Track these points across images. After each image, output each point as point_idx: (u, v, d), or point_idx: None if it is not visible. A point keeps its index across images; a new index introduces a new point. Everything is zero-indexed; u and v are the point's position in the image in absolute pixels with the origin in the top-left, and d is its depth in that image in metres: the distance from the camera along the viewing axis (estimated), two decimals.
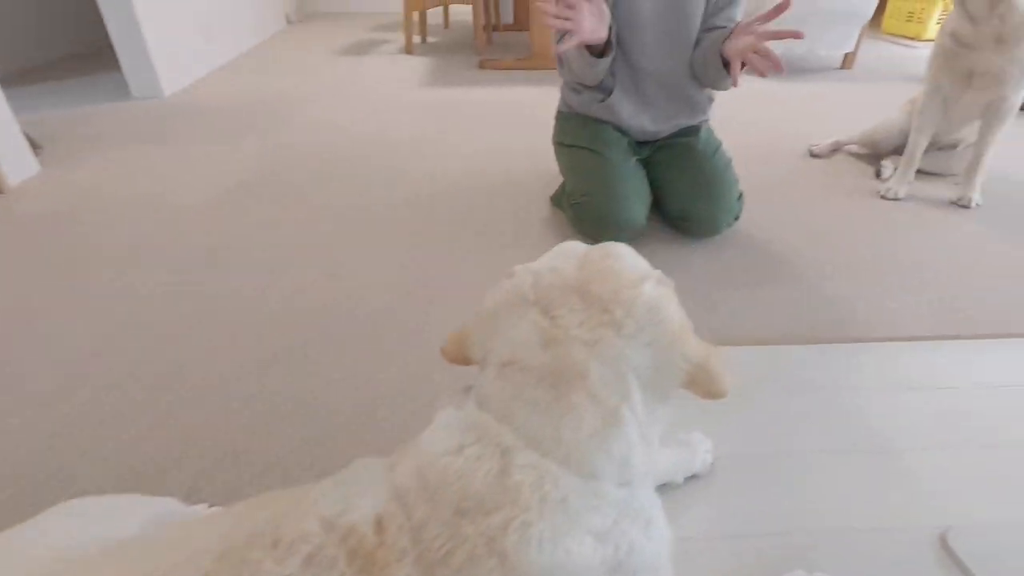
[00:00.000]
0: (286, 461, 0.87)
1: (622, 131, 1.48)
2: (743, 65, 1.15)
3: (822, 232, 1.52)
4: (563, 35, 1.22)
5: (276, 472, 0.85)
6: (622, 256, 0.53)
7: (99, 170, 1.88)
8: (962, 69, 1.55)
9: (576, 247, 0.57)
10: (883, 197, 1.71)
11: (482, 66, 3.24)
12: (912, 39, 4.00)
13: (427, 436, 0.47)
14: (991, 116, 1.58)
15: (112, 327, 1.15)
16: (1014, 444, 0.90)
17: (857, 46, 3.19)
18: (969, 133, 1.76)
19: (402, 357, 1.07)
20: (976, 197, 1.65)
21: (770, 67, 1.10)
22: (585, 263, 0.52)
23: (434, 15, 4.72)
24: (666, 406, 0.51)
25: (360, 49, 3.75)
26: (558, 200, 1.62)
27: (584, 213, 1.42)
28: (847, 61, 3.27)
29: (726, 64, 1.23)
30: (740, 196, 1.45)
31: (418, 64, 3.35)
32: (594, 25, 1.17)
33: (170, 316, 1.18)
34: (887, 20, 4.30)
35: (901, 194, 1.70)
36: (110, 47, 2.55)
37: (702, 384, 0.48)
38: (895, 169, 1.78)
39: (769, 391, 1.00)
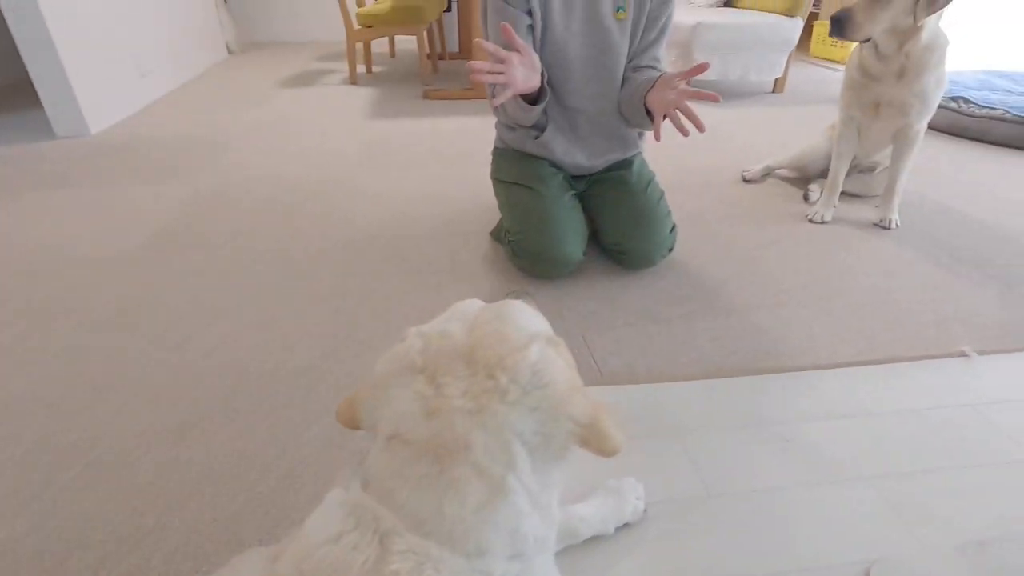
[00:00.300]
0: (200, 539, 0.81)
1: (557, 166, 1.50)
2: (665, 118, 1.18)
3: (753, 258, 1.56)
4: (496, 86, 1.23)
5: (187, 552, 0.79)
6: (512, 317, 0.53)
7: (9, 217, 1.77)
8: (870, 100, 1.63)
9: (470, 307, 0.56)
10: (811, 220, 1.78)
11: (426, 96, 3.25)
12: (837, 62, 4.23)
13: (311, 522, 0.45)
14: (900, 142, 1.68)
15: (9, 395, 1.07)
16: (933, 471, 0.93)
17: (786, 71, 3.35)
18: (884, 157, 1.85)
19: (331, 413, 1.03)
20: (895, 218, 1.74)
21: (690, 127, 1.12)
22: (475, 326, 0.51)
23: (381, 43, 4.73)
24: (561, 468, 0.50)
25: (303, 80, 3.70)
26: (497, 234, 1.62)
27: (521, 250, 1.42)
28: (778, 85, 3.42)
29: (650, 112, 1.26)
30: (673, 228, 1.48)
31: (362, 95, 3.33)
32: (526, 75, 1.18)
33: (78, 381, 1.11)
34: (814, 44, 4.54)
35: (827, 217, 1.77)
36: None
37: (593, 444, 0.48)
38: (821, 192, 1.85)
39: (702, 428, 1.01)
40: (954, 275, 1.48)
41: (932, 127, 2.72)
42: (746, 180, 2.10)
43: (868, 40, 1.51)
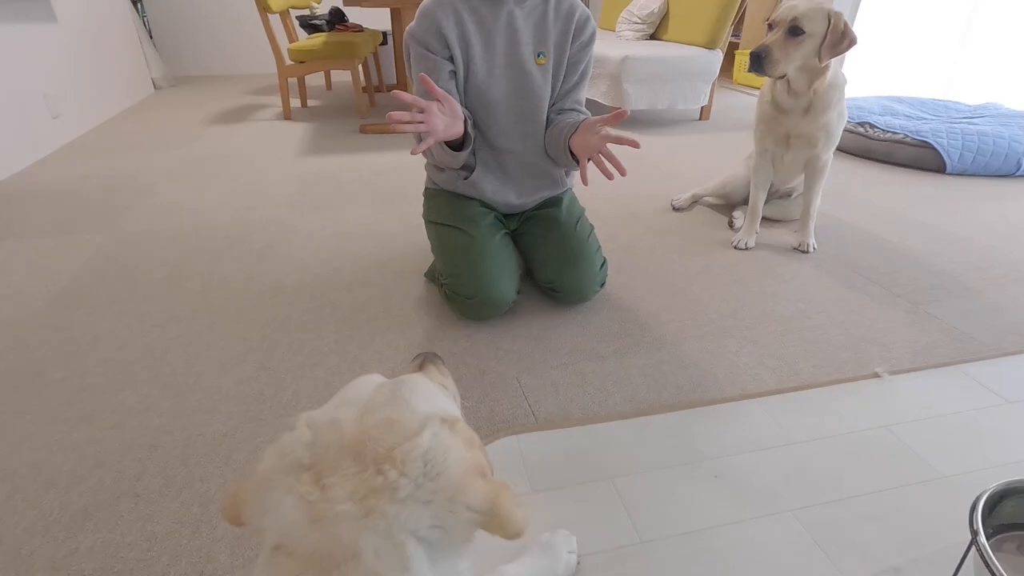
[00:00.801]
0: None
1: (488, 206, 1.50)
2: (589, 160, 1.21)
3: (682, 288, 1.61)
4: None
5: None
6: (405, 399, 0.51)
7: None
8: (782, 133, 1.74)
9: (364, 388, 0.54)
10: (735, 247, 1.85)
11: (363, 131, 3.22)
12: (757, 89, 4.49)
13: None
14: (811, 171, 1.78)
15: None
16: (851, 497, 0.96)
17: (711, 99, 3.52)
18: (799, 183, 1.96)
19: None
20: (812, 242, 1.84)
21: (614, 171, 1.15)
22: (366, 412, 0.49)
23: (316, 76, 4.68)
24: (466, 558, 0.48)
25: (234, 116, 3.61)
26: (432, 275, 1.60)
27: (454, 292, 1.41)
28: (704, 113, 3.59)
29: (575, 156, 1.29)
30: (604, 264, 1.50)
31: (296, 130, 3.27)
32: (447, 123, 1.18)
33: None
34: (736, 72, 4.81)
35: (751, 244, 1.86)
36: None
37: (494, 530, 0.46)
38: (745, 219, 1.94)
39: (634, 470, 1.01)
40: (867, 297, 1.57)
41: (844, 151, 2.93)
42: (675, 208, 2.18)
43: (783, 76, 1.61)
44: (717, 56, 3.35)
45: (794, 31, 1.52)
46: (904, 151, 2.71)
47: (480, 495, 0.46)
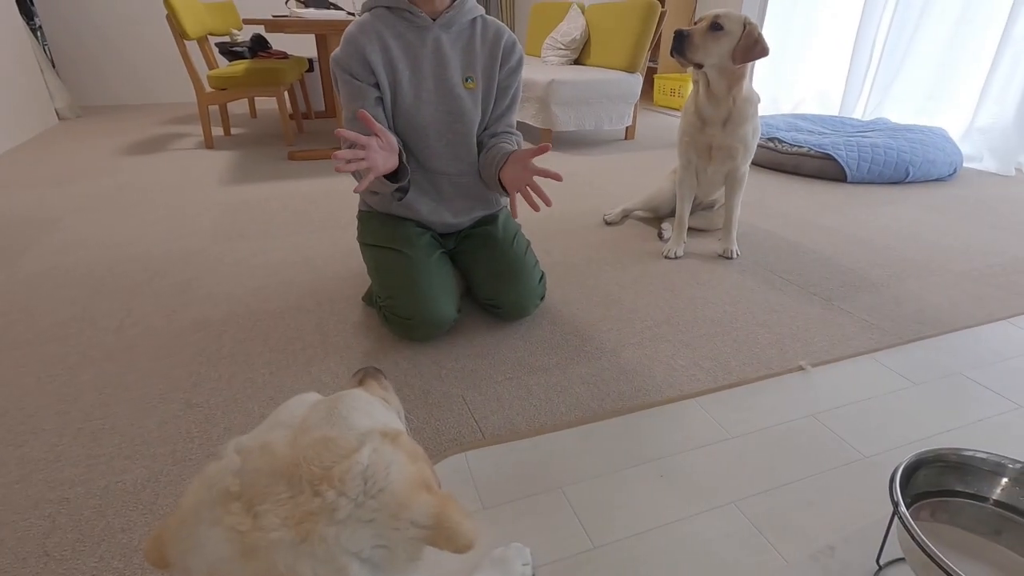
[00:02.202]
0: None
1: (424, 226, 1.50)
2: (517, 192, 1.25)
3: (618, 299, 1.66)
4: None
5: None
6: (342, 416, 0.49)
7: None
8: (704, 144, 1.85)
9: (298, 407, 0.52)
10: (666, 257, 1.94)
11: (292, 157, 3.15)
12: (676, 110, 4.76)
13: None
14: (730, 182, 1.90)
15: None
16: (786, 484, 1.01)
17: (635, 119, 3.70)
18: (720, 195, 2.09)
19: None
20: (736, 248, 1.95)
21: (541, 204, 1.20)
22: (300, 432, 0.47)
23: (240, 103, 4.54)
24: (418, 569, 0.47)
25: (150, 146, 3.43)
26: (370, 299, 1.57)
27: (392, 314, 1.39)
28: (629, 133, 3.77)
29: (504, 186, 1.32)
30: (542, 278, 1.53)
31: (220, 159, 3.15)
32: (385, 157, 1.19)
33: None
34: (656, 95, 5.08)
35: (679, 253, 1.95)
36: None
37: (442, 544, 0.45)
38: (673, 230, 2.03)
39: (582, 477, 1.02)
40: (786, 297, 1.68)
41: (757, 164, 3.14)
42: (607, 223, 2.25)
43: (700, 66, 1.72)
44: (637, 79, 3.53)
45: (715, 27, 1.66)
46: (809, 163, 2.94)
47: (425, 509, 0.44)
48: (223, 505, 0.42)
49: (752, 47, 1.66)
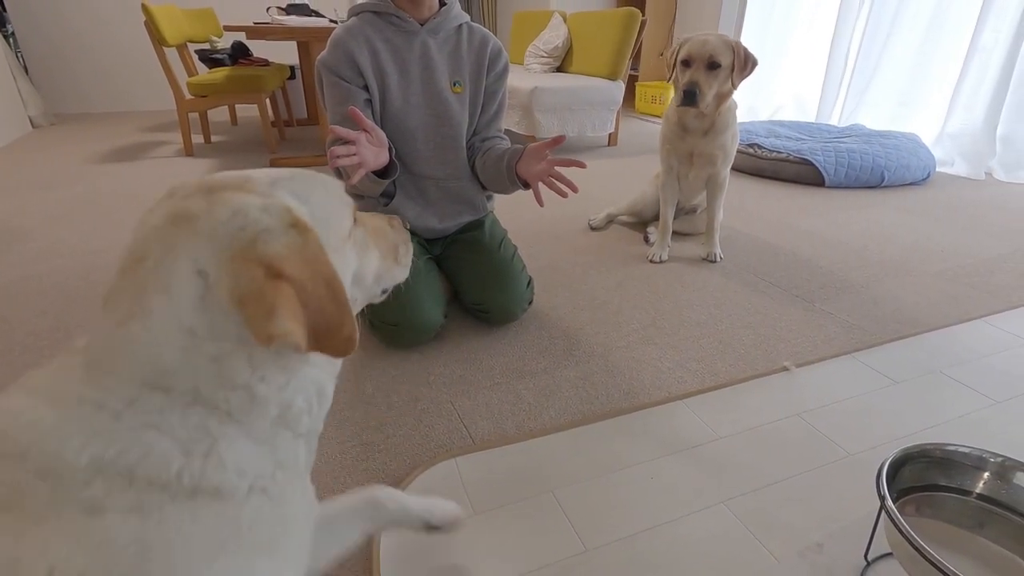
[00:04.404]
0: None
1: (410, 231, 1.49)
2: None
3: (604, 302, 1.67)
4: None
5: None
6: (290, 182, 0.52)
7: None
8: (685, 151, 1.87)
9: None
10: (651, 261, 1.95)
11: (274, 164, 3.11)
12: (657, 117, 4.83)
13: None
14: (711, 187, 1.93)
15: None
16: (773, 483, 1.02)
17: (617, 126, 3.74)
18: (702, 200, 2.12)
19: None
20: (718, 251, 1.97)
21: (567, 189, 1.23)
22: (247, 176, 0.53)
23: (221, 110, 4.49)
24: (248, 350, 0.45)
25: (128, 154, 3.37)
26: None
27: (378, 320, 1.38)
28: (611, 139, 3.81)
29: (522, 181, 1.33)
30: (530, 282, 1.53)
31: (200, 167, 3.10)
32: (375, 153, 1.19)
33: None
34: (638, 102, 5.15)
35: (664, 257, 1.96)
36: None
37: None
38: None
39: (572, 480, 1.02)
40: (769, 299, 1.70)
41: (738, 169, 3.19)
42: (592, 228, 2.27)
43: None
44: (619, 86, 3.57)
45: (712, 65, 1.69)
46: (789, 168, 3.00)
47: (245, 281, 0.43)
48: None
49: (745, 66, 1.70)
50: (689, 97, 1.71)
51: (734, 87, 1.72)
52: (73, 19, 4.52)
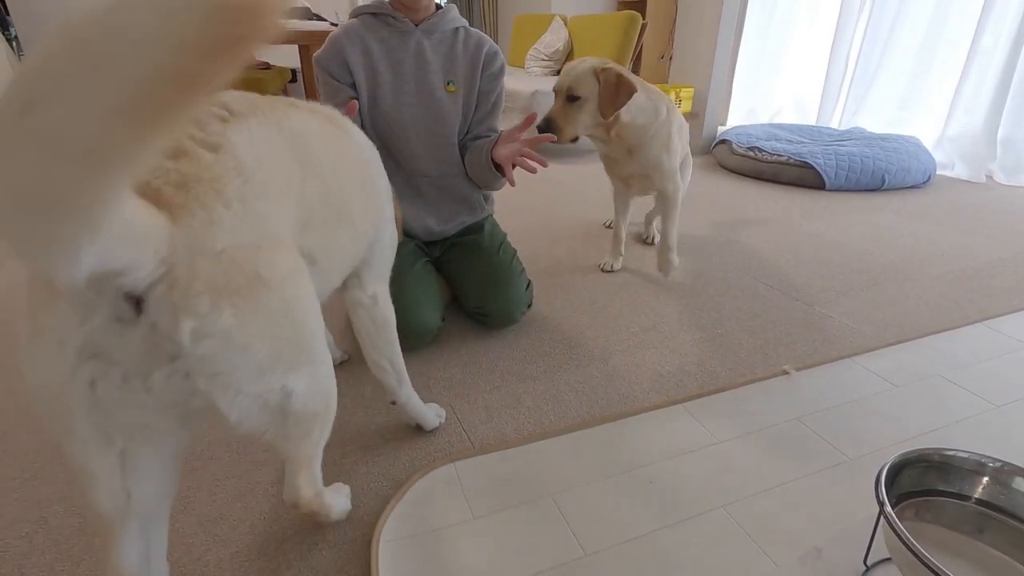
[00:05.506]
0: None
1: (409, 234, 1.50)
2: (514, 166, 1.32)
3: (604, 306, 1.67)
4: None
5: None
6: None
7: None
8: (619, 175, 1.79)
9: None
10: (602, 269, 1.89)
11: None
12: None
13: None
14: (660, 201, 1.78)
15: None
16: (773, 488, 1.02)
17: None
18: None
19: None
20: (674, 260, 1.76)
21: (536, 165, 1.28)
22: None
23: None
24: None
25: None
26: None
27: None
28: None
29: (498, 168, 1.35)
30: (529, 285, 1.53)
31: None
32: None
33: None
34: None
35: (616, 266, 1.91)
36: None
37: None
38: (658, 233, 2.03)
39: (572, 485, 1.02)
40: (769, 302, 1.70)
41: (738, 172, 3.20)
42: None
43: (577, 139, 1.58)
44: None
45: (570, 99, 1.53)
46: (789, 171, 3.00)
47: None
48: None
49: (615, 95, 1.50)
50: (546, 130, 1.51)
51: (605, 118, 1.53)
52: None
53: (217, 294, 0.50)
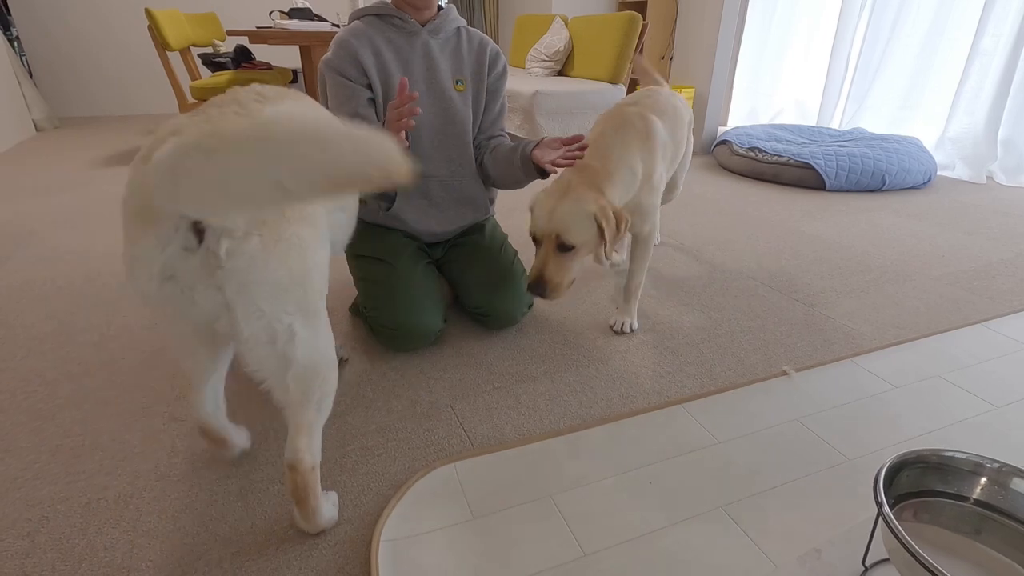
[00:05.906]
0: None
1: (411, 236, 1.50)
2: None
3: (604, 306, 1.67)
4: None
5: None
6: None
7: None
8: None
9: None
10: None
11: None
12: None
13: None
14: (634, 241, 1.54)
15: None
16: (772, 488, 1.02)
17: None
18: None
19: None
20: (632, 322, 1.55)
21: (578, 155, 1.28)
22: None
23: None
24: None
25: (132, 157, 3.38)
26: (356, 309, 1.57)
27: (378, 324, 1.38)
28: None
29: (539, 169, 1.36)
30: None
31: None
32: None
33: None
34: None
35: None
36: None
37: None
38: (659, 238, 2.04)
39: (572, 484, 1.02)
40: (769, 303, 1.70)
41: (738, 173, 3.19)
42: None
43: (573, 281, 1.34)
44: (621, 90, 3.58)
45: (562, 247, 1.27)
46: (789, 172, 3.00)
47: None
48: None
49: (617, 231, 1.27)
50: (537, 291, 1.29)
51: (608, 257, 1.30)
52: (77, 23, 4.54)
53: (251, 224, 0.69)
